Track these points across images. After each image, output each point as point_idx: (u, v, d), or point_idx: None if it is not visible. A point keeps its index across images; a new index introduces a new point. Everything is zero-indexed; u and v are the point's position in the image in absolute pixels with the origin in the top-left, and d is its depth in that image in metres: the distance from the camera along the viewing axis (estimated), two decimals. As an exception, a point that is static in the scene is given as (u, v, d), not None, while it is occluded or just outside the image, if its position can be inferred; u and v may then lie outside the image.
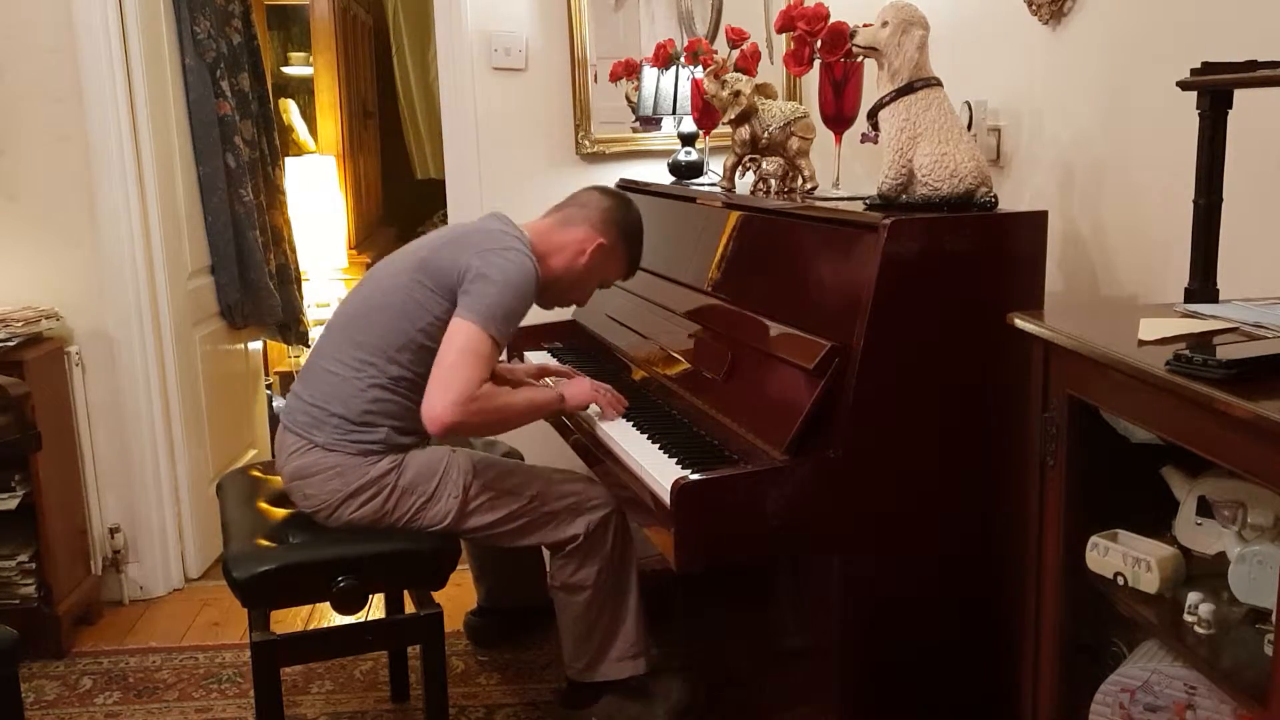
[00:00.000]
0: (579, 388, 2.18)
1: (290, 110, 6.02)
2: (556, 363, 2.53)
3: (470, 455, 2.11)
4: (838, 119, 2.07)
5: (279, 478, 2.15)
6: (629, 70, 2.81)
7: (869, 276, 1.64)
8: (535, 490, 2.09)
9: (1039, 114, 1.99)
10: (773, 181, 2.18)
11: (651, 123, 2.87)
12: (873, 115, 1.80)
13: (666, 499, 1.64)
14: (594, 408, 2.17)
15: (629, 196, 2.27)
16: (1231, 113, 1.31)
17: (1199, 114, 1.32)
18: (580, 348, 2.77)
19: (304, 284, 4.06)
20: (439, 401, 1.89)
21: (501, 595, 2.66)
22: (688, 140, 2.73)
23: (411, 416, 2.04)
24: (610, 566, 2.12)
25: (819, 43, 2.01)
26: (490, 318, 1.93)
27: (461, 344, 1.92)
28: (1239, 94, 1.31)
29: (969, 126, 2.06)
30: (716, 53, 2.55)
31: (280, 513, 2.14)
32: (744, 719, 2.21)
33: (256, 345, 3.80)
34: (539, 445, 3.00)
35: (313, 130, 5.91)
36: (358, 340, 2.05)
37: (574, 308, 2.85)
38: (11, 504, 2.64)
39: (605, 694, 2.19)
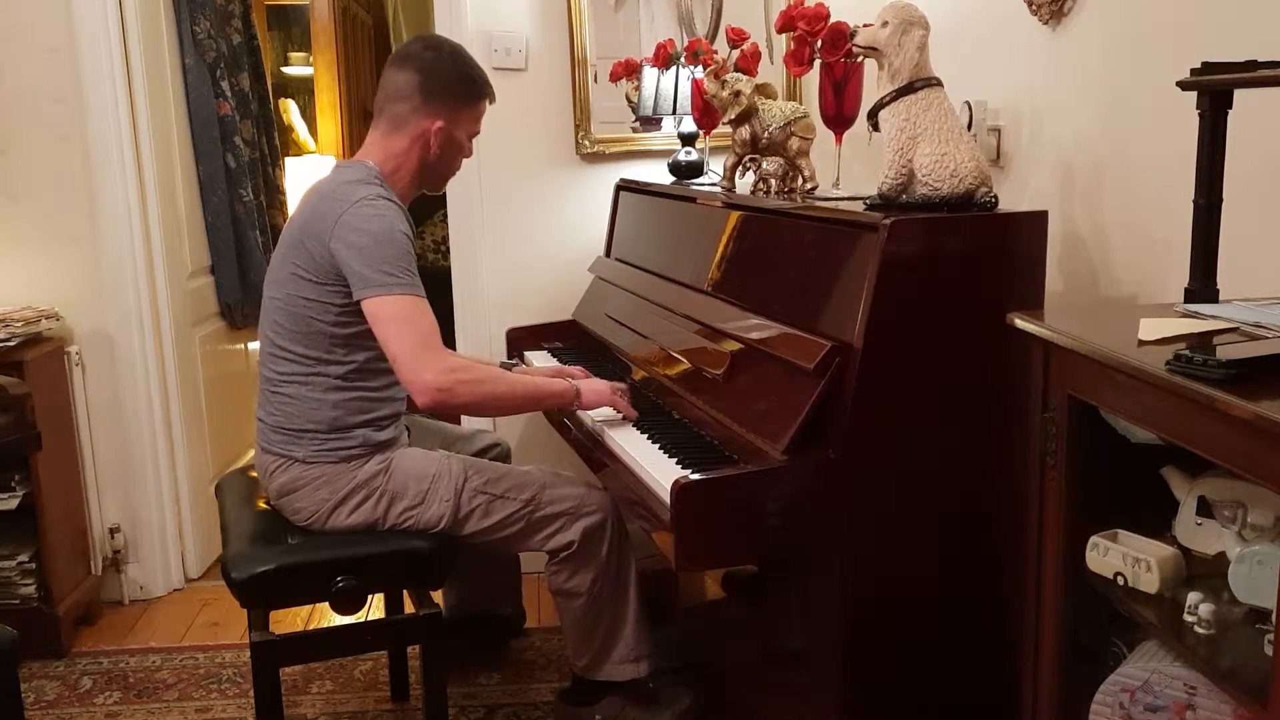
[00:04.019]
0: (596, 387, 2.14)
1: (290, 110, 6.03)
2: (575, 369, 2.48)
3: (463, 460, 2.11)
4: (838, 119, 2.07)
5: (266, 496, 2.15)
6: (629, 70, 2.81)
7: (869, 276, 1.64)
8: (530, 495, 2.08)
9: (1039, 114, 1.99)
10: (773, 181, 2.18)
11: (651, 123, 2.87)
12: (873, 115, 1.80)
13: (666, 499, 1.64)
14: (609, 410, 2.14)
15: (431, 41, 2.16)
16: (1231, 113, 1.31)
17: (1199, 114, 1.32)
18: (580, 348, 2.77)
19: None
20: (414, 379, 1.91)
21: (472, 602, 2.59)
22: (688, 140, 2.73)
23: (380, 405, 2.04)
24: (605, 573, 2.11)
25: (819, 43, 2.01)
26: (387, 281, 1.92)
27: (386, 317, 1.92)
28: (1239, 94, 1.31)
29: (969, 126, 2.06)
30: (716, 53, 2.55)
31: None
32: (744, 719, 2.21)
33: (257, 345, 3.80)
34: (541, 443, 3.01)
35: (313, 130, 5.92)
36: (288, 354, 2.03)
37: (574, 309, 2.88)
38: (11, 504, 2.64)
39: (609, 694, 2.19)
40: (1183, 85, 1.33)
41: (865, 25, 1.81)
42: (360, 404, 2.04)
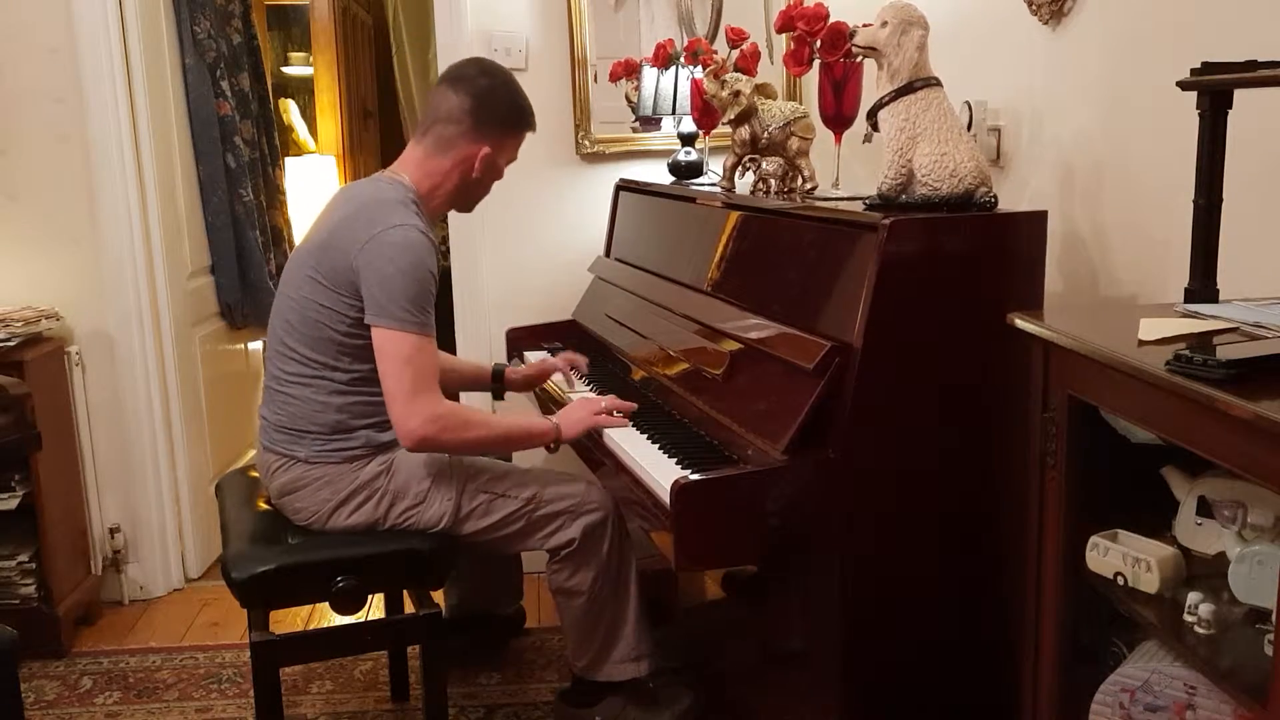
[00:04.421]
0: (576, 417, 2.11)
1: (290, 110, 6.02)
2: (555, 360, 2.48)
3: (464, 460, 2.11)
4: (838, 119, 2.07)
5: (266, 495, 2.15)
6: (629, 70, 2.81)
7: (869, 276, 1.64)
8: (530, 493, 2.08)
9: (1039, 114, 1.99)
10: (773, 181, 2.18)
11: (651, 123, 2.87)
12: (872, 115, 1.80)
13: (666, 499, 1.64)
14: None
15: (486, 66, 2.15)
16: (1231, 113, 1.31)
17: (1199, 114, 1.32)
18: (580, 348, 2.76)
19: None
20: (402, 423, 1.93)
21: (473, 601, 2.58)
22: (688, 140, 2.73)
23: (382, 409, 2.03)
24: (606, 572, 2.11)
25: (819, 43, 2.01)
26: (403, 316, 1.92)
27: (390, 353, 1.93)
28: (1239, 94, 1.31)
29: (969, 126, 2.06)
30: (716, 53, 2.55)
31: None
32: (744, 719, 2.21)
33: (256, 345, 3.80)
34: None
35: (313, 130, 5.91)
36: (295, 355, 2.03)
37: (574, 309, 2.88)
38: (11, 504, 2.64)
39: (609, 694, 2.19)
40: (1183, 85, 1.33)
41: (865, 25, 1.81)
42: (364, 408, 2.04)
